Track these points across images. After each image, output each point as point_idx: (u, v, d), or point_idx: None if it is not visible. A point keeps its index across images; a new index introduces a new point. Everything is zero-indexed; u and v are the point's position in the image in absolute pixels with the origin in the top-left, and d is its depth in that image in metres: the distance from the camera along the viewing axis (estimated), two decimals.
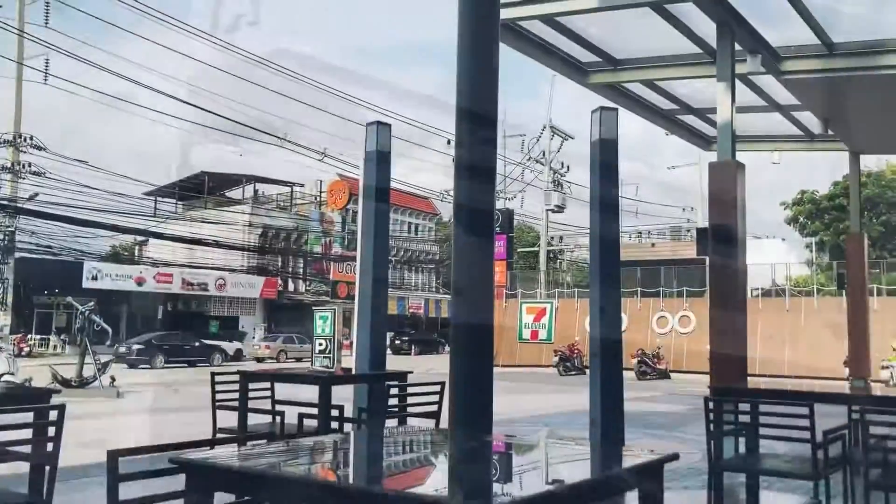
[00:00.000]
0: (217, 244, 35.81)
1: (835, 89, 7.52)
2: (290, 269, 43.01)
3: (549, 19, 6.75)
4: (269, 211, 42.56)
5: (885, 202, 37.96)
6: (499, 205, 33.77)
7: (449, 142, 33.64)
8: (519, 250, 52.63)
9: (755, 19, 6.45)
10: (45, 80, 25.73)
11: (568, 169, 40.70)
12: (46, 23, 25.82)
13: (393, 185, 5.70)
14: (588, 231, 4.87)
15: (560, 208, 40.18)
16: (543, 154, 39.88)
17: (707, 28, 6.48)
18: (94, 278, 33.02)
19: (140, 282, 35.12)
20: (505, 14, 6.40)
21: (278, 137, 28.79)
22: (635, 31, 7.23)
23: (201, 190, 41.26)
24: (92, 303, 16.18)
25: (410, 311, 45.02)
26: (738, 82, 7.12)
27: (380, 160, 4.76)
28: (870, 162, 36.94)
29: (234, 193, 44.90)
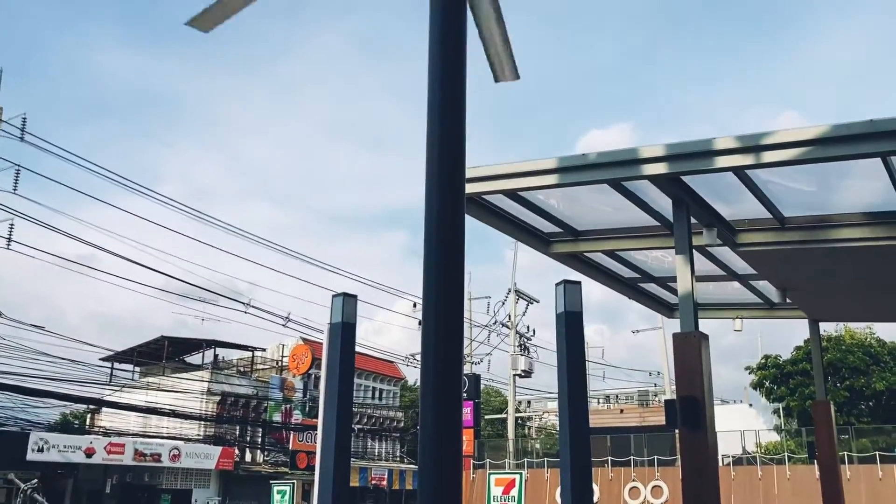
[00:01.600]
0: (173, 413, 34.62)
1: (789, 261, 7.75)
2: (248, 438, 41.49)
3: (511, 194, 6.97)
4: (228, 377, 41.62)
5: (848, 367, 38.37)
6: (465, 369, 33.49)
7: (415, 305, 33.82)
8: (486, 417, 51.67)
9: (709, 195, 6.72)
10: (8, 245, 25.67)
11: (534, 333, 40.92)
12: (15, 189, 26.13)
13: (357, 348, 5.60)
14: (556, 395, 4.79)
15: (527, 373, 39.94)
16: (509, 318, 40.14)
17: (664, 202, 6.73)
18: (41, 450, 31.38)
19: (90, 453, 33.46)
20: (470, 188, 6.60)
21: (242, 303, 28.67)
22: (595, 204, 7.48)
23: (160, 355, 40.42)
24: (35, 479, 15.29)
25: (373, 482, 43.23)
26: (696, 253, 7.32)
27: (345, 332, 4.70)
28: (830, 326, 37.74)
29: (194, 358, 44.08)
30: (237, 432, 40.95)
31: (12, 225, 25.82)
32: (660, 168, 5.89)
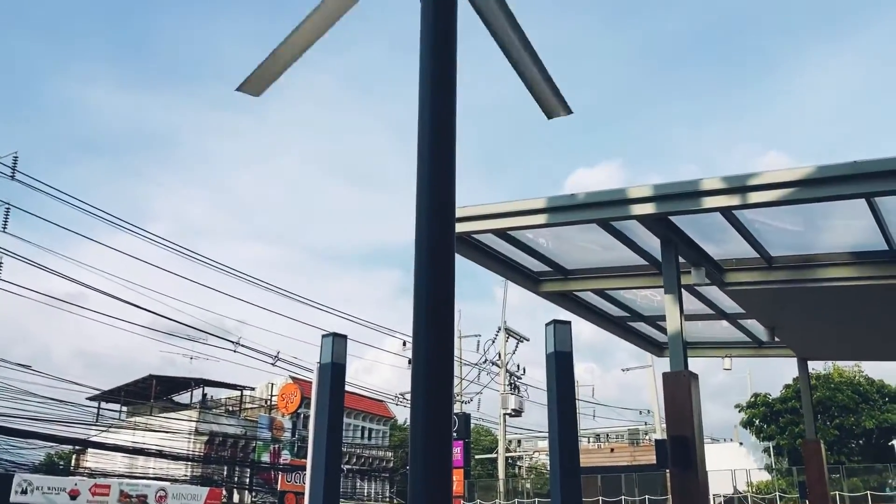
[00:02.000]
0: (160, 453, 34.13)
1: (776, 300, 7.81)
2: (236, 479, 40.89)
3: (501, 233, 7.02)
4: (216, 416, 41.15)
5: (837, 405, 38.33)
6: (455, 408, 33.23)
7: (405, 343, 33.68)
8: (476, 457, 51.13)
9: (697, 235, 6.79)
10: None
11: (524, 371, 40.72)
12: (4, 227, 26.04)
13: (346, 387, 5.58)
14: (547, 434, 4.78)
15: (517, 412, 39.67)
16: (499, 356, 39.99)
17: (652, 242, 6.79)
18: (24, 492, 30.82)
19: (74, 495, 32.88)
20: (460, 228, 6.66)
21: (231, 342, 28.47)
22: (584, 243, 7.54)
23: (148, 394, 39.98)
24: None
25: None
26: (685, 292, 7.37)
27: (334, 372, 4.69)
28: (818, 364, 37.77)
29: (183, 397, 43.59)
30: (225, 472, 40.37)
31: (0, 263, 25.69)
32: (648, 208, 5.96)
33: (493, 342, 40.01)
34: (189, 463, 37.50)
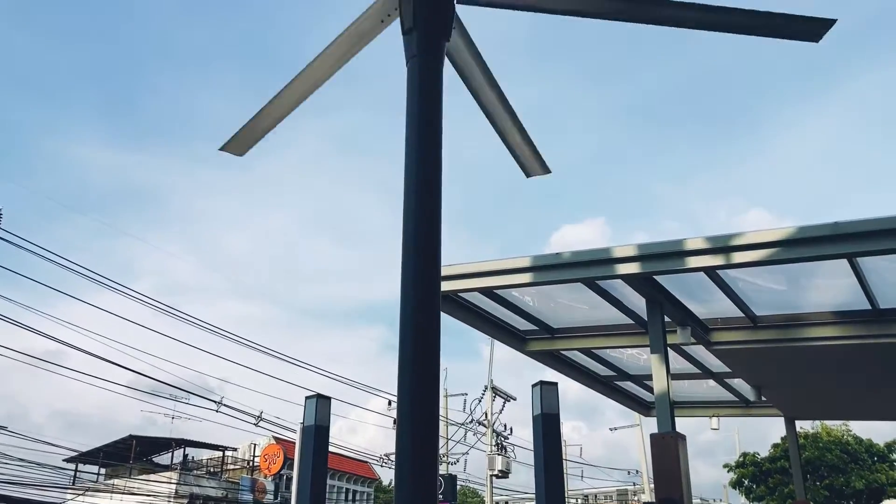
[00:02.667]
0: None
1: (762, 359, 7.81)
2: None
3: (487, 291, 7.02)
4: (197, 478, 40.25)
5: (826, 465, 38.00)
6: (441, 469, 32.71)
7: (390, 403, 33.26)
8: None
9: (682, 294, 6.82)
10: None
11: (511, 431, 40.21)
12: None
13: (330, 448, 5.49)
14: (534, 496, 4.70)
15: (504, 473, 39.05)
16: (486, 416, 39.54)
17: (638, 301, 6.81)
18: None
19: None
20: (446, 286, 6.66)
21: (214, 401, 28.03)
22: (570, 302, 7.55)
23: (128, 455, 39.13)
24: None
25: None
26: (671, 351, 7.36)
27: (318, 434, 4.63)
28: (806, 423, 37.56)
29: (163, 458, 42.68)
30: None
31: None
32: (632, 268, 5.99)
33: (480, 401, 39.63)
34: None
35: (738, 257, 5.64)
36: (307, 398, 4.74)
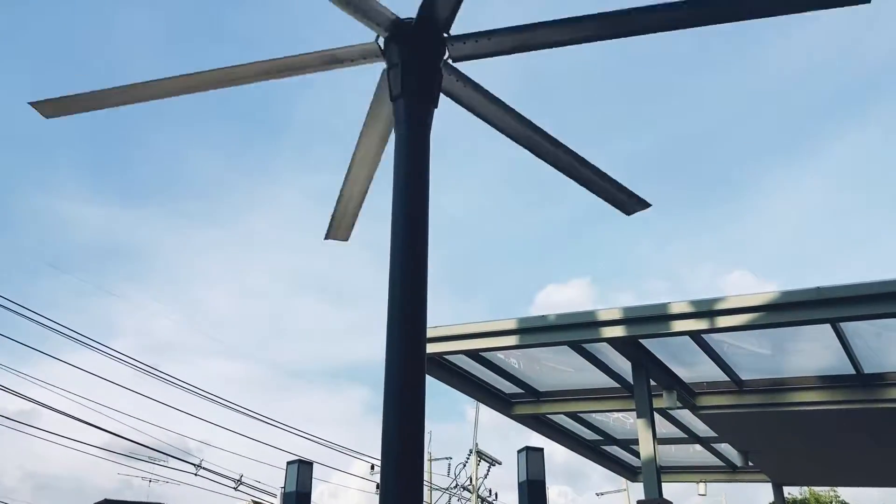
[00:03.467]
0: None
1: (748, 424, 7.76)
2: None
3: (473, 354, 6.98)
4: None
5: None
6: None
7: (373, 467, 32.65)
8: None
9: (667, 358, 6.81)
10: None
11: (496, 496, 39.44)
12: None
13: None
14: None
15: None
16: (471, 480, 38.84)
17: (624, 364, 6.79)
18: None
19: None
20: (432, 348, 6.62)
21: (193, 464, 27.43)
22: (556, 365, 7.52)
23: None
24: None
25: None
26: (657, 416, 7.31)
27: (299, 501, 4.53)
28: (795, 488, 37.14)
29: None
30: None
31: None
32: (618, 331, 6.00)
33: (465, 466, 38.98)
34: None
35: (723, 321, 5.66)
36: (288, 463, 4.65)
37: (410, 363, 2.86)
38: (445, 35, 3.05)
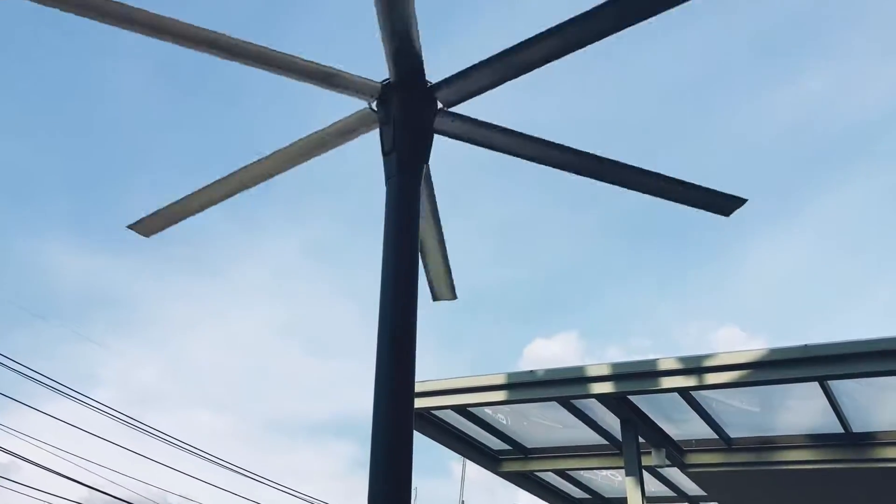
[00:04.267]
0: None
1: (737, 482, 7.69)
2: None
3: (460, 409, 6.93)
4: None
5: None
6: None
7: None
8: None
9: (656, 415, 6.78)
10: None
11: None
12: None
13: None
14: None
15: None
16: None
17: (612, 421, 6.75)
18: None
19: None
20: (419, 403, 6.57)
21: None
22: (544, 421, 7.46)
23: None
24: None
25: None
26: (646, 473, 7.24)
27: None
28: None
29: None
30: None
31: None
32: (606, 387, 5.98)
33: None
34: None
35: (711, 378, 5.66)
36: None
37: (398, 418, 2.84)
38: (430, 83, 3.08)
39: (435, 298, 4.01)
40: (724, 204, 3.45)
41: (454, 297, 4.02)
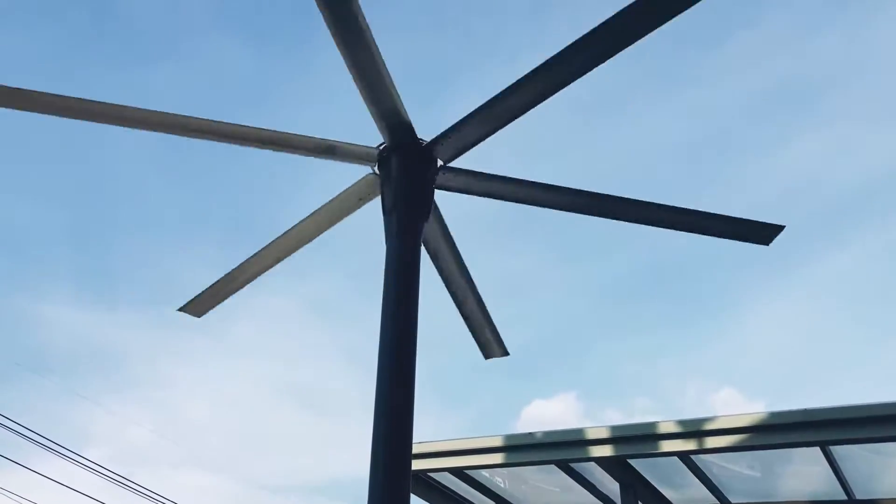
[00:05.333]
0: None
1: None
2: None
3: (458, 472, 6.82)
4: None
5: None
6: None
7: None
8: None
9: (655, 478, 6.67)
10: None
11: None
12: None
13: None
14: None
15: None
16: None
17: (611, 485, 6.64)
18: None
19: None
20: (416, 465, 6.46)
21: None
22: (542, 484, 7.34)
23: None
24: None
25: None
26: None
27: None
28: None
29: None
30: None
31: None
32: (606, 450, 5.90)
33: None
34: None
35: (711, 442, 5.59)
36: None
37: (395, 481, 2.80)
38: (424, 142, 3.12)
39: (486, 357, 3.97)
40: (762, 233, 3.36)
41: (505, 352, 3.94)
